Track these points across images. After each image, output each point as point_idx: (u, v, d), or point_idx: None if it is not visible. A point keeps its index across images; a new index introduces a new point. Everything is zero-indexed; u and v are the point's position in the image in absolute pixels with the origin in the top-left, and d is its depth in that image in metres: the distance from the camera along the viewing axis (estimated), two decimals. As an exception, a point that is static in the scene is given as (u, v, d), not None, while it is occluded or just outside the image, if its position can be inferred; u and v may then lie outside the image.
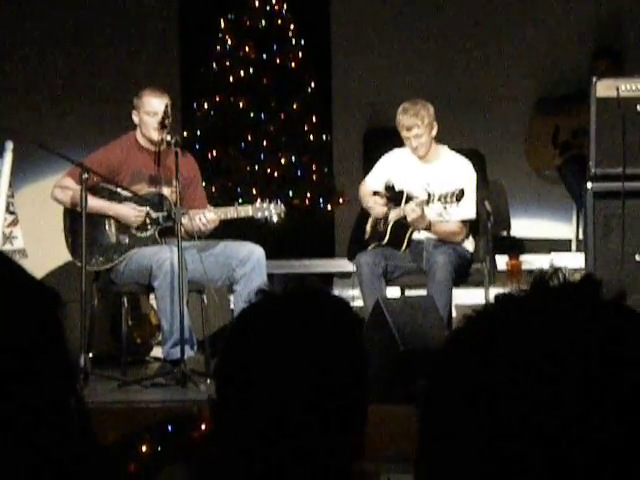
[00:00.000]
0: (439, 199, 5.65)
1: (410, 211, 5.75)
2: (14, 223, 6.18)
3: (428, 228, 5.83)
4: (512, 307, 0.89)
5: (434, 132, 5.93)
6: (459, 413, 0.87)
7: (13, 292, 1.07)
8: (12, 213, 6.18)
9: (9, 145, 6.14)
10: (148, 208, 5.74)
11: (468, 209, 5.80)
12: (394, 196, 6.01)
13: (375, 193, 6.12)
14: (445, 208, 5.67)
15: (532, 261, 7.24)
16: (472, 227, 5.98)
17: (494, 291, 6.03)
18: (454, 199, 5.59)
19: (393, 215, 5.97)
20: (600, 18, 7.81)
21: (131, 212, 5.70)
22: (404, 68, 7.92)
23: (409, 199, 5.88)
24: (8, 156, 6.12)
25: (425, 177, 5.88)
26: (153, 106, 5.67)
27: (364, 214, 6.16)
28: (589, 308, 0.87)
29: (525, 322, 0.87)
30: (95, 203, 5.63)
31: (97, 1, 7.55)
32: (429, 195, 5.69)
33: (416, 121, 5.84)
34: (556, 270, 0.86)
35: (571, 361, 0.85)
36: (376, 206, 6.01)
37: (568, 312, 0.87)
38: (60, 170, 5.93)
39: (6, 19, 7.30)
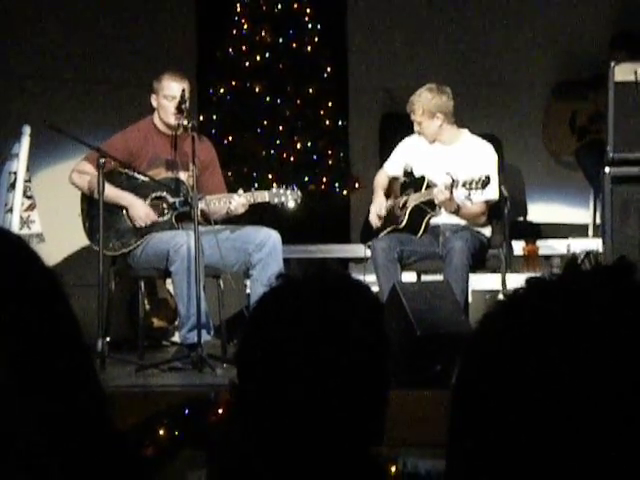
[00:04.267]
0: (464, 185, 5.63)
1: (439, 193, 5.74)
2: (31, 207, 6.20)
3: (456, 211, 5.82)
4: (544, 292, 0.89)
5: (438, 120, 5.91)
6: (492, 399, 0.87)
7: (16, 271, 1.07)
8: (29, 197, 6.20)
9: (26, 129, 6.15)
10: (165, 193, 5.74)
11: (492, 190, 5.79)
12: (413, 181, 6.01)
13: (393, 179, 6.11)
14: (469, 194, 5.65)
15: (549, 246, 7.22)
16: (489, 212, 5.97)
17: (511, 276, 6.02)
18: (479, 185, 5.58)
19: (412, 200, 5.96)
20: (619, 3, 7.76)
21: (141, 211, 5.68)
22: (420, 53, 7.89)
23: (430, 185, 5.88)
24: (25, 140, 6.13)
25: (446, 161, 5.87)
26: (172, 90, 5.66)
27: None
28: (622, 292, 0.86)
29: (558, 307, 0.87)
30: (111, 191, 5.62)
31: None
32: (453, 180, 5.67)
33: (412, 107, 5.92)
34: (588, 254, 0.85)
35: (605, 347, 0.84)
36: (378, 207, 6.02)
37: (601, 296, 0.86)
38: (77, 155, 5.94)
39: (22, 5, 7.30)
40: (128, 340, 6.24)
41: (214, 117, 7.69)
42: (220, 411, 2.24)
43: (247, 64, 7.69)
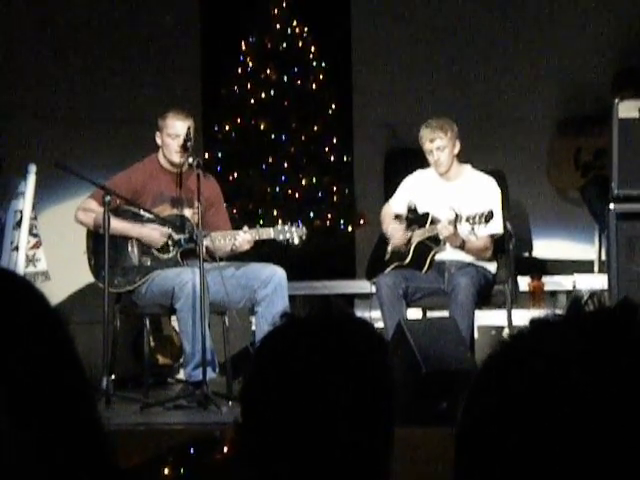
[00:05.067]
0: (467, 220, 5.64)
1: (443, 229, 5.74)
2: (37, 245, 6.21)
3: (461, 246, 5.82)
4: (547, 332, 0.89)
5: (456, 150, 5.95)
6: (498, 439, 0.87)
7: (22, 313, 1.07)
8: (35, 235, 6.21)
9: (32, 168, 6.17)
10: (170, 230, 5.76)
11: (496, 224, 5.79)
12: (417, 218, 6.01)
13: (397, 216, 6.12)
14: (473, 229, 5.65)
15: (555, 282, 7.21)
16: (494, 248, 5.97)
17: (516, 313, 6.01)
18: (483, 220, 5.58)
19: (417, 236, 5.96)
20: (623, 39, 7.79)
21: (155, 232, 5.71)
22: (425, 89, 7.92)
23: (434, 221, 5.88)
24: (31, 179, 6.15)
25: (449, 196, 5.88)
26: (176, 128, 5.69)
27: (385, 235, 6.16)
28: (625, 335, 0.86)
29: (561, 349, 0.87)
30: (118, 225, 5.65)
31: (119, 22, 7.60)
32: (456, 215, 5.68)
33: (440, 133, 5.88)
34: (592, 295, 0.86)
35: (608, 389, 0.84)
36: (395, 233, 6.01)
37: (604, 339, 0.87)
38: (82, 193, 5.96)
39: (27, 41, 7.35)
40: (133, 377, 6.22)
41: (219, 154, 7.72)
42: (225, 449, 2.23)
43: (252, 101, 7.73)
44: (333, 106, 7.80)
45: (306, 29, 7.80)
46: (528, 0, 7.92)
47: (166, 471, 2.25)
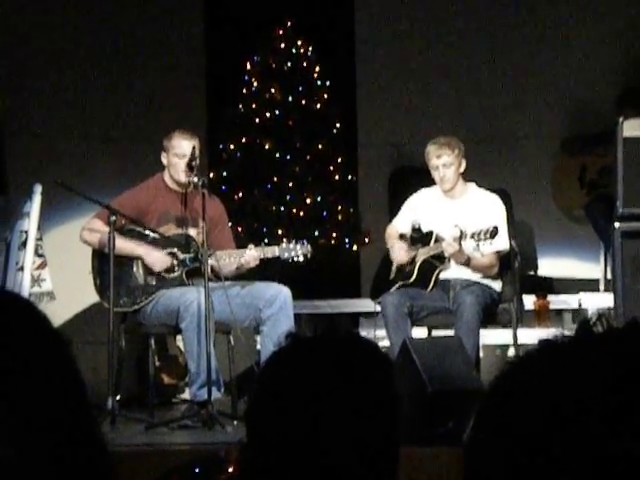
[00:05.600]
0: (472, 236, 5.63)
1: (448, 246, 5.74)
2: (42, 266, 6.21)
3: (467, 263, 5.81)
4: (556, 354, 0.89)
5: (462, 168, 5.95)
6: (505, 459, 0.87)
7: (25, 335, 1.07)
8: (40, 256, 6.21)
9: (37, 188, 6.18)
10: (175, 249, 5.76)
11: (502, 241, 5.79)
12: (422, 237, 6.01)
13: (401, 235, 6.12)
14: (478, 245, 5.65)
15: (560, 301, 7.20)
16: (500, 264, 5.96)
17: (522, 331, 6.00)
18: (488, 236, 5.58)
19: (421, 254, 5.96)
20: (628, 57, 7.81)
21: (157, 260, 5.70)
22: (429, 108, 7.94)
23: (438, 239, 5.88)
24: (37, 199, 6.16)
25: (454, 214, 5.88)
26: (182, 148, 5.70)
27: (389, 254, 6.16)
28: (635, 356, 0.86)
29: (570, 371, 0.87)
30: (123, 244, 5.65)
31: (123, 42, 7.62)
32: (461, 232, 5.67)
33: (447, 150, 5.89)
34: (600, 316, 0.86)
35: (619, 412, 0.84)
36: (401, 252, 6.01)
37: (613, 361, 0.86)
38: (87, 213, 5.96)
39: (32, 63, 7.38)
40: (138, 397, 6.21)
41: (224, 173, 7.73)
42: (230, 470, 2.22)
43: (257, 121, 7.75)
44: (338, 125, 7.82)
45: (310, 49, 7.82)
46: (532, 20, 7.94)
47: (171, 491, 2.25)
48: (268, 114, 7.74)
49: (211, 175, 7.49)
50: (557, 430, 0.85)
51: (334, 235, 7.73)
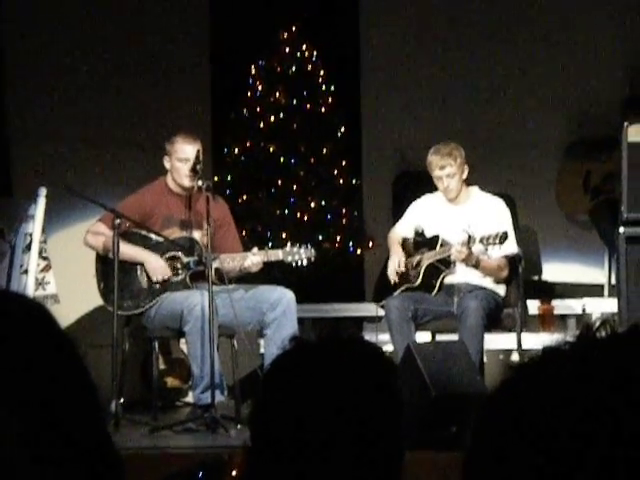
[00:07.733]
0: (481, 241, 5.62)
1: (457, 252, 5.72)
2: (47, 268, 6.22)
3: (477, 265, 5.80)
4: (559, 359, 0.89)
5: (465, 174, 5.95)
6: (507, 464, 0.87)
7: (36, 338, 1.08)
8: (45, 258, 6.22)
9: (42, 191, 6.19)
10: (179, 252, 5.76)
11: (511, 244, 5.78)
12: (427, 241, 6.00)
13: (404, 240, 6.11)
14: (487, 250, 5.64)
15: (565, 306, 7.19)
16: (510, 268, 5.94)
17: (526, 336, 5.99)
18: (497, 241, 5.56)
19: (427, 258, 5.95)
20: (632, 63, 7.81)
21: (157, 269, 5.70)
22: (434, 113, 7.94)
23: (444, 243, 5.87)
24: (41, 202, 6.17)
25: (459, 219, 5.87)
26: (185, 152, 5.70)
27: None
28: (635, 361, 0.86)
29: (572, 376, 0.87)
30: (126, 249, 5.64)
31: (128, 46, 7.63)
32: (469, 237, 5.66)
33: (449, 160, 5.87)
34: (604, 322, 0.86)
35: (622, 417, 0.84)
36: (394, 256, 6.01)
37: (616, 366, 0.86)
38: (92, 216, 5.97)
39: (38, 65, 7.40)
40: (142, 400, 6.21)
41: (229, 177, 7.73)
42: (234, 473, 2.23)
43: (261, 125, 7.75)
44: (342, 129, 7.82)
45: (315, 53, 7.82)
46: (537, 25, 7.94)
47: (175, 495, 2.25)
48: (273, 118, 7.74)
49: (215, 179, 7.48)
50: (560, 435, 0.85)
51: (338, 239, 7.73)
